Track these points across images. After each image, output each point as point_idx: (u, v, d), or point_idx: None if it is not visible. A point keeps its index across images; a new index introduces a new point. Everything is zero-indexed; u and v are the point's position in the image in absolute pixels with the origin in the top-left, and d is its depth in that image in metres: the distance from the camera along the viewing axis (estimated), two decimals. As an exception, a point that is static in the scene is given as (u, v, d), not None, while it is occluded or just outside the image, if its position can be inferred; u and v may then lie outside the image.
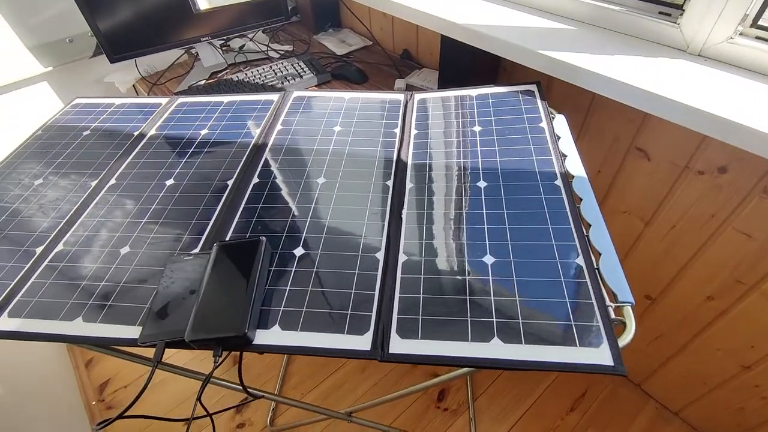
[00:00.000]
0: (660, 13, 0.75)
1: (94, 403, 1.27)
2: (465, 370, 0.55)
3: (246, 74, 1.17)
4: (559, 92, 0.91)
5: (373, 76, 1.20)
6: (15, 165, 0.78)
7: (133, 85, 1.34)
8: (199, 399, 0.45)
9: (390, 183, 0.66)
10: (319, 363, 1.32)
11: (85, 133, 0.84)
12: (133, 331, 0.51)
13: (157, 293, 0.53)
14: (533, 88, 0.80)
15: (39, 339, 0.50)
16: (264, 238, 0.55)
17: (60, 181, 0.74)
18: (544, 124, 0.71)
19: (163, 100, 0.91)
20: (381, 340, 0.47)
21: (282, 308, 0.51)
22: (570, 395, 1.20)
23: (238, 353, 0.47)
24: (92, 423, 1.22)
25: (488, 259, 0.53)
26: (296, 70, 1.18)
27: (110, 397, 1.29)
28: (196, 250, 0.59)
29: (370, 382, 1.27)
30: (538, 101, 0.76)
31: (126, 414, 0.45)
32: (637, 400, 1.17)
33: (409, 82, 1.13)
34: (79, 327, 0.51)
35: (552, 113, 0.74)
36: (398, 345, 0.46)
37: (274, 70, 1.18)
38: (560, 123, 0.72)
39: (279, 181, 0.68)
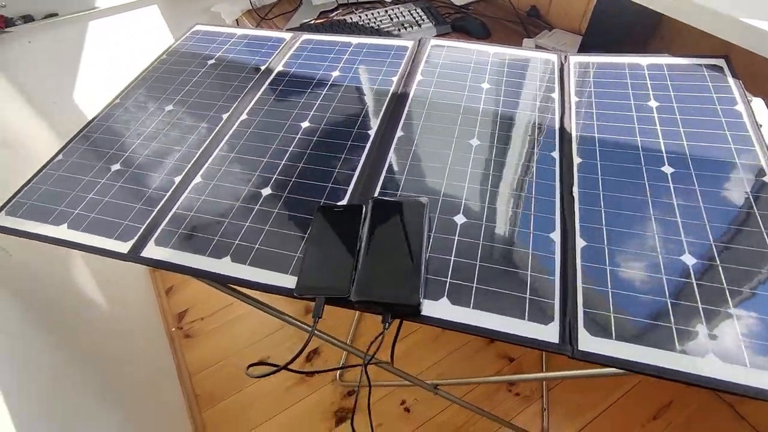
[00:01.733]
0: None
1: (173, 329, 1.32)
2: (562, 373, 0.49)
3: (360, 17, 1.09)
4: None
5: (495, 32, 1.08)
6: (144, 87, 0.76)
7: (236, 19, 1.29)
8: (365, 367, 0.42)
9: (555, 155, 0.58)
10: (388, 326, 1.30)
11: (210, 62, 0.80)
12: (284, 279, 0.48)
13: (307, 243, 0.49)
14: (720, 62, 0.67)
15: (194, 274, 0.49)
16: (426, 200, 0.50)
17: (190, 110, 0.71)
18: (740, 108, 0.60)
19: (287, 35, 0.85)
20: (569, 334, 0.41)
21: (449, 280, 0.46)
22: (654, 402, 1.13)
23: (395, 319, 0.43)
24: (171, 346, 1.27)
25: (688, 259, 0.46)
26: (413, 18, 1.08)
27: (188, 326, 1.34)
28: (343, 202, 0.55)
29: (441, 353, 1.24)
30: (730, 79, 0.64)
31: (288, 366, 0.43)
32: (730, 420, 1.09)
33: (539, 43, 1.02)
34: (229, 267, 0.49)
35: (748, 96, 0.63)
36: (589, 343, 0.41)
37: (389, 16, 1.09)
38: (759, 108, 0.61)
39: (427, 137, 0.62)
